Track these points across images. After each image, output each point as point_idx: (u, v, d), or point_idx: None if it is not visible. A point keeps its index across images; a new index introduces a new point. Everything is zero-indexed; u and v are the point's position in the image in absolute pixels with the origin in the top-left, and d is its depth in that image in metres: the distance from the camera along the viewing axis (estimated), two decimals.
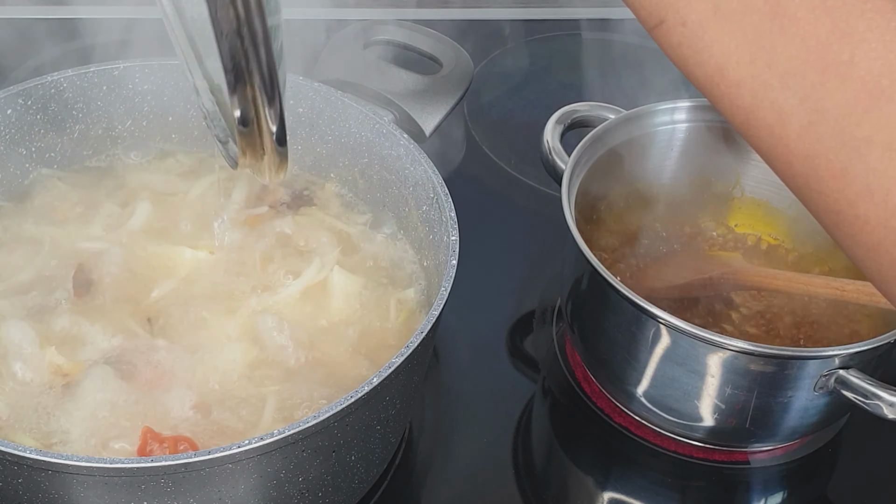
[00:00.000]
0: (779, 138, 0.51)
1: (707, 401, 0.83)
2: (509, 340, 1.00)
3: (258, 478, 0.68)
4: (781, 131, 0.51)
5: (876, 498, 0.91)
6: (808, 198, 0.53)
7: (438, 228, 0.83)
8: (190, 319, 0.84)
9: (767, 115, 0.51)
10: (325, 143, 0.95)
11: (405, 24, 1.01)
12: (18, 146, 0.92)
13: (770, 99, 0.51)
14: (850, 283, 0.86)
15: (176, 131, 0.98)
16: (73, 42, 1.21)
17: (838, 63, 0.49)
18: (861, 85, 0.48)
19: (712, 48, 0.52)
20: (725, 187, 1.00)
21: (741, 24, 0.51)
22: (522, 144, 1.19)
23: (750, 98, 0.51)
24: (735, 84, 0.52)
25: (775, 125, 0.51)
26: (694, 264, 0.95)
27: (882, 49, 0.48)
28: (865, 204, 0.49)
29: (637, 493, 0.91)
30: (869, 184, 0.49)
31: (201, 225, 0.92)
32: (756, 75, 0.51)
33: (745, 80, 0.51)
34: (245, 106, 0.56)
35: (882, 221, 0.49)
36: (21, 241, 0.89)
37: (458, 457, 0.90)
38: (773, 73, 0.50)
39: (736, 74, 0.52)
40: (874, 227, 0.49)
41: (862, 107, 0.48)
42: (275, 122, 0.58)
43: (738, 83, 0.52)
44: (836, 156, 0.49)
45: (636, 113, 0.95)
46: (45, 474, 0.65)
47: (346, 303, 0.86)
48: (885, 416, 0.77)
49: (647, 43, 1.41)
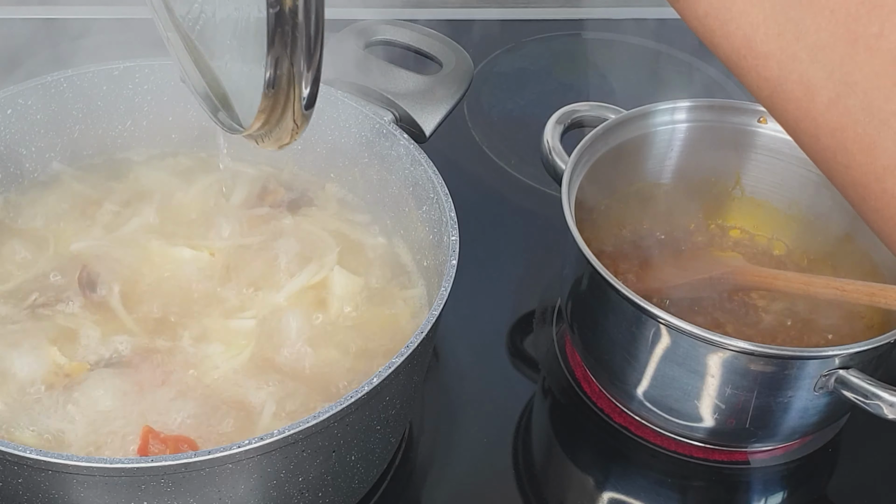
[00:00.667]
0: (806, 111, 0.51)
1: (707, 401, 0.83)
2: (509, 340, 1.00)
3: (258, 478, 0.68)
4: (809, 104, 0.50)
5: (876, 498, 0.91)
6: (835, 171, 0.52)
7: (438, 228, 0.83)
8: (190, 320, 0.84)
9: (795, 88, 0.51)
10: (325, 143, 0.95)
11: (405, 24, 1.01)
12: (18, 146, 0.92)
13: (798, 72, 0.50)
14: (850, 283, 0.86)
15: (176, 131, 0.98)
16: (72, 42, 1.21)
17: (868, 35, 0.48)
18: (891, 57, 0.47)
19: (740, 19, 0.51)
20: (725, 187, 1.00)
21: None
22: (522, 144, 1.20)
23: (777, 71, 0.51)
24: (763, 56, 0.51)
25: (803, 98, 0.50)
26: (694, 264, 0.95)
27: None
28: (893, 178, 0.48)
29: (637, 493, 0.91)
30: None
31: (201, 225, 0.92)
32: (784, 48, 0.50)
33: (773, 52, 0.50)
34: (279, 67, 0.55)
35: None
36: (23, 241, 0.89)
37: (458, 457, 0.90)
38: (801, 46, 0.49)
39: (764, 47, 0.51)
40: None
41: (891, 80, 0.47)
42: (308, 86, 0.57)
43: (765, 55, 0.51)
44: (865, 129, 0.49)
45: (636, 113, 0.95)
46: (45, 474, 0.65)
47: (345, 303, 0.86)
48: (885, 416, 0.77)
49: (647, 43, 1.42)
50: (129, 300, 0.85)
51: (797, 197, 0.97)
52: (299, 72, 0.55)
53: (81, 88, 0.93)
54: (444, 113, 0.95)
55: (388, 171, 0.91)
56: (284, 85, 0.57)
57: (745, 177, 0.99)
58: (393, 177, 0.90)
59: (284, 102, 0.58)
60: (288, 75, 0.56)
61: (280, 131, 0.61)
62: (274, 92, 0.57)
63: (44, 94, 0.91)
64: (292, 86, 0.57)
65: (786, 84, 0.51)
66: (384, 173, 0.91)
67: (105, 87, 0.94)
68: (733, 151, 0.97)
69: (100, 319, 0.83)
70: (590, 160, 0.92)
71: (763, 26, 0.50)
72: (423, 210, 0.86)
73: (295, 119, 0.59)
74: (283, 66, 0.55)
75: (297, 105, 0.58)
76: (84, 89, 0.93)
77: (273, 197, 0.95)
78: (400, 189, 0.90)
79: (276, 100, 0.58)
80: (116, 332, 0.82)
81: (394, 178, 0.90)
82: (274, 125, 0.60)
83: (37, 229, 0.90)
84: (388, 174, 0.91)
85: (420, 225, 0.88)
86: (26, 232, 0.90)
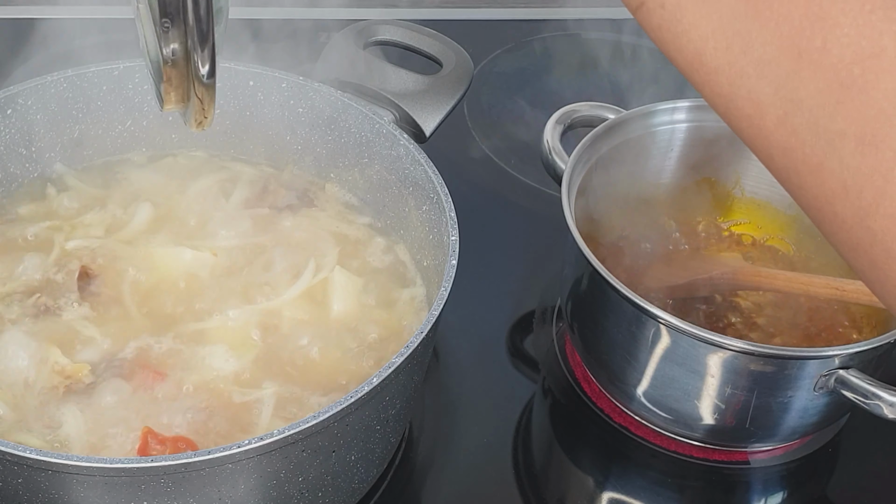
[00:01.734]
0: (758, 129, 0.49)
1: (707, 401, 0.83)
2: (509, 340, 1.00)
3: (258, 478, 0.68)
4: (760, 122, 0.48)
5: (876, 498, 0.91)
6: (791, 192, 0.50)
7: (438, 228, 0.83)
8: (191, 320, 0.84)
9: (745, 104, 0.49)
10: (325, 143, 0.95)
11: (405, 24, 1.01)
12: (18, 146, 0.92)
13: (747, 88, 0.48)
14: (850, 283, 0.86)
15: (176, 131, 0.98)
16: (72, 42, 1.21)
17: (811, 49, 0.45)
18: (833, 74, 0.45)
19: (690, 32, 0.49)
20: (725, 187, 1.00)
21: (717, 7, 0.48)
22: (522, 144, 1.19)
23: (728, 86, 0.49)
24: (713, 71, 0.49)
25: (753, 115, 0.49)
26: (694, 264, 0.95)
27: (855, 34, 0.45)
28: (841, 202, 0.46)
29: (637, 493, 0.91)
30: (844, 180, 0.45)
31: (202, 226, 0.92)
32: (732, 62, 0.48)
33: (723, 67, 0.49)
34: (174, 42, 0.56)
35: (858, 221, 0.46)
36: (24, 242, 0.89)
37: (458, 457, 0.90)
38: (748, 60, 0.48)
39: (713, 61, 0.49)
40: (851, 226, 0.46)
41: (835, 97, 0.45)
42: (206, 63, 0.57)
43: (715, 70, 0.49)
44: (812, 150, 0.46)
45: (636, 113, 0.95)
46: (45, 474, 0.65)
47: (346, 303, 0.86)
48: (885, 416, 0.77)
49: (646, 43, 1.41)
50: (130, 301, 0.85)
51: None
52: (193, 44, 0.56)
53: (81, 88, 0.93)
54: (444, 113, 0.95)
55: (388, 171, 0.91)
56: (181, 59, 0.57)
57: (745, 177, 0.99)
58: (393, 177, 0.90)
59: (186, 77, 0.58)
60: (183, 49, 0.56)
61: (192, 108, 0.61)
62: (171, 66, 0.57)
63: (44, 94, 0.91)
64: (188, 59, 0.57)
65: (736, 100, 0.49)
66: (384, 173, 0.91)
67: (105, 87, 0.94)
68: (733, 151, 0.97)
69: (101, 320, 0.83)
70: (590, 160, 0.92)
71: (712, 39, 0.49)
72: (423, 210, 0.86)
73: (197, 93, 0.59)
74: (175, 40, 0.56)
75: (196, 79, 0.58)
76: (84, 89, 0.93)
77: (273, 197, 0.95)
78: (400, 189, 0.90)
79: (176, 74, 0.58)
80: (117, 332, 0.82)
81: (394, 178, 0.90)
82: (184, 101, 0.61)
83: (37, 230, 0.90)
84: (388, 174, 0.91)
85: (420, 225, 0.88)
86: (27, 232, 0.90)
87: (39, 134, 0.93)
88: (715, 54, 0.49)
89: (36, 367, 0.78)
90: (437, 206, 0.83)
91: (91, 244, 0.89)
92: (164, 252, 0.89)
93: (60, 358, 0.79)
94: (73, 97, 0.93)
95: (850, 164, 0.45)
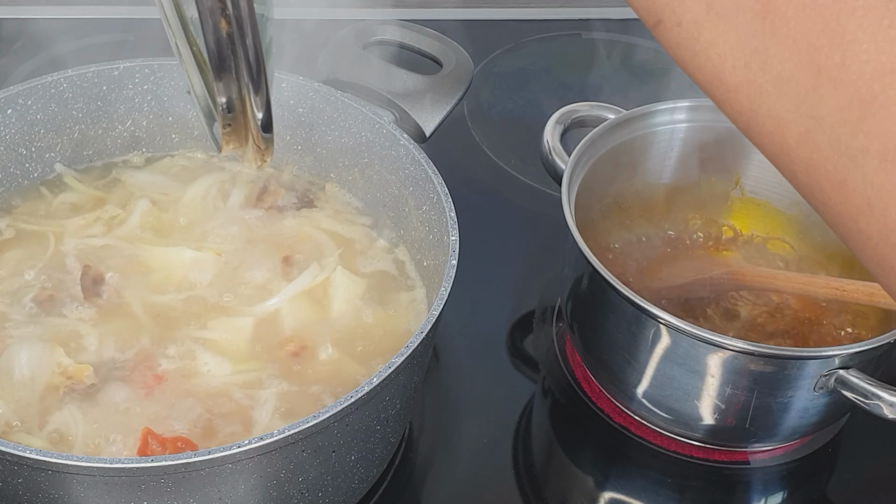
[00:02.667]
0: (780, 146, 0.49)
1: (707, 401, 0.83)
2: (509, 340, 1.00)
3: (258, 478, 0.68)
4: (781, 139, 0.48)
5: (876, 498, 0.91)
6: (816, 208, 0.50)
7: (438, 228, 0.83)
8: (191, 320, 0.84)
9: (766, 122, 0.48)
10: (325, 143, 0.95)
11: (405, 24, 1.01)
12: (18, 146, 0.92)
13: (767, 105, 0.48)
14: (850, 283, 0.86)
15: (176, 131, 0.98)
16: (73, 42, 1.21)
17: (830, 67, 0.45)
18: (854, 90, 0.45)
19: (709, 51, 0.49)
20: (725, 187, 1.00)
21: (735, 25, 0.48)
22: (522, 144, 1.19)
23: (748, 104, 0.49)
24: (733, 89, 0.49)
25: (775, 133, 0.48)
26: (694, 264, 0.95)
27: (874, 51, 0.44)
28: (866, 219, 0.46)
29: (637, 493, 0.91)
30: (868, 197, 0.45)
31: (202, 226, 0.92)
32: (752, 80, 0.48)
33: (742, 85, 0.49)
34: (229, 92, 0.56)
35: (884, 238, 0.45)
36: (25, 242, 0.89)
37: (458, 457, 0.90)
38: (767, 78, 0.47)
39: (733, 79, 0.49)
40: (876, 243, 0.46)
41: (856, 114, 0.45)
42: (261, 110, 0.58)
43: (735, 88, 0.49)
44: (835, 167, 0.46)
45: (636, 113, 0.95)
46: (45, 474, 0.65)
47: (347, 303, 0.86)
48: (885, 416, 0.77)
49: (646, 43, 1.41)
50: (132, 301, 0.85)
51: (797, 197, 0.95)
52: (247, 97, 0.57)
53: (81, 88, 0.93)
54: (444, 113, 0.95)
55: (388, 171, 0.91)
56: (238, 110, 0.58)
57: (745, 177, 0.99)
58: (393, 177, 0.90)
59: (245, 126, 0.59)
60: (240, 101, 0.57)
61: (250, 153, 0.62)
62: (231, 116, 0.58)
63: (44, 94, 0.91)
64: (244, 111, 0.58)
65: (757, 118, 0.49)
66: (384, 173, 0.91)
67: (105, 87, 0.94)
68: (733, 151, 0.97)
69: (101, 320, 0.83)
70: (590, 160, 0.92)
71: (730, 57, 0.48)
72: (423, 210, 0.86)
73: (256, 143, 0.60)
74: (231, 91, 0.56)
75: (254, 130, 0.59)
76: (84, 89, 0.93)
77: (273, 198, 0.95)
78: (400, 189, 0.90)
79: (235, 123, 0.58)
80: (118, 332, 0.82)
81: (394, 178, 0.90)
82: (244, 145, 0.61)
83: (38, 230, 0.90)
84: (388, 174, 0.91)
85: (420, 225, 0.88)
86: (28, 232, 0.90)
87: (39, 134, 0.93)
88: (734, 72, 0.49)
89: (38, 368, 0.78)
90: (437, 206, 0.83)
91: (92, 244, 0.89)
92: (165, 252, 0.89)
93: (64, 358, 0.79)
94: (73, 97, 0.93)
95: (874, 181, 0.45)
